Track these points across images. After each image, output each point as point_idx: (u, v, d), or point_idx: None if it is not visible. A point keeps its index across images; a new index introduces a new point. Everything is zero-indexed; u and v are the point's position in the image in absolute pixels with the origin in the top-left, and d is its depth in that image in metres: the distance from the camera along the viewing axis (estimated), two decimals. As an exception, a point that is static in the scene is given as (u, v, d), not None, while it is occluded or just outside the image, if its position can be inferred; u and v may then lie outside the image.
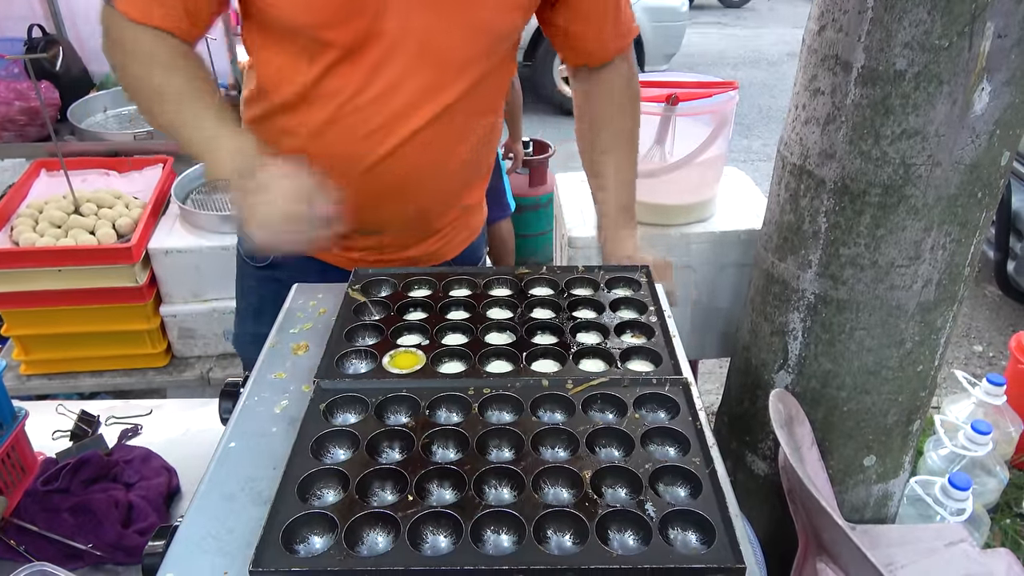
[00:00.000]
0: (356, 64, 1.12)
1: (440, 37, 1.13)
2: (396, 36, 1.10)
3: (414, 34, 1.11)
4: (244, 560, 0.78)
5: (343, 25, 1.09)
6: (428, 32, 1.11)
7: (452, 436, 0.90)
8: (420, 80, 1.14)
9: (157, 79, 1.11)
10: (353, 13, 1.08)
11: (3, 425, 1.10)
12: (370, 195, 1.20)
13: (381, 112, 1.15)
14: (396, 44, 1.11)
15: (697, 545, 0.78)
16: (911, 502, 1.93)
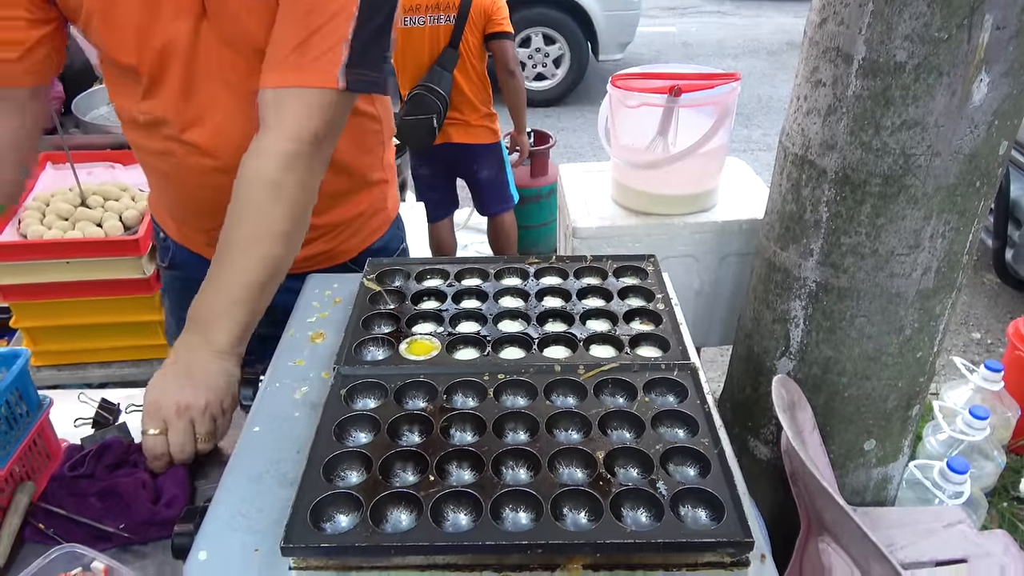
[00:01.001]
0: (160, 85, 1.15)
1: (224, 55, 1.13)
2: (185, 59, 1.13)
3: (201, 56, 1.13)
4: (273, 538, 0.82)
5: (140, 53, 1.12)
6: (211, 52, 1.13)
7: (469, 419, 0.93)
8: (218, 98, 1.16)
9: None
10: (145, 43, 1.11)
11: (29, 413, 1.13)
12: (212, 208, 1.18)
13: (198, 132, 1.18)
14: (188, 66, 1.13)
15: (707, 522, 0.81)
16: (910, 485, 1.96)
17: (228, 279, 1.08)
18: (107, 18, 1.10)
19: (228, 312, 1.07)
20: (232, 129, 1.18)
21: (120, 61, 1.15)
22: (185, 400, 1.04)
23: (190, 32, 1.11)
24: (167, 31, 1.11)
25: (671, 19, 8.69)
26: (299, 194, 1.10)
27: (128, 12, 1.09)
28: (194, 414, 1.04)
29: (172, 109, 1.18)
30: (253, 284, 1.07)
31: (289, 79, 1.08)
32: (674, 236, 1.99)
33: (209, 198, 1.22)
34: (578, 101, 6.32)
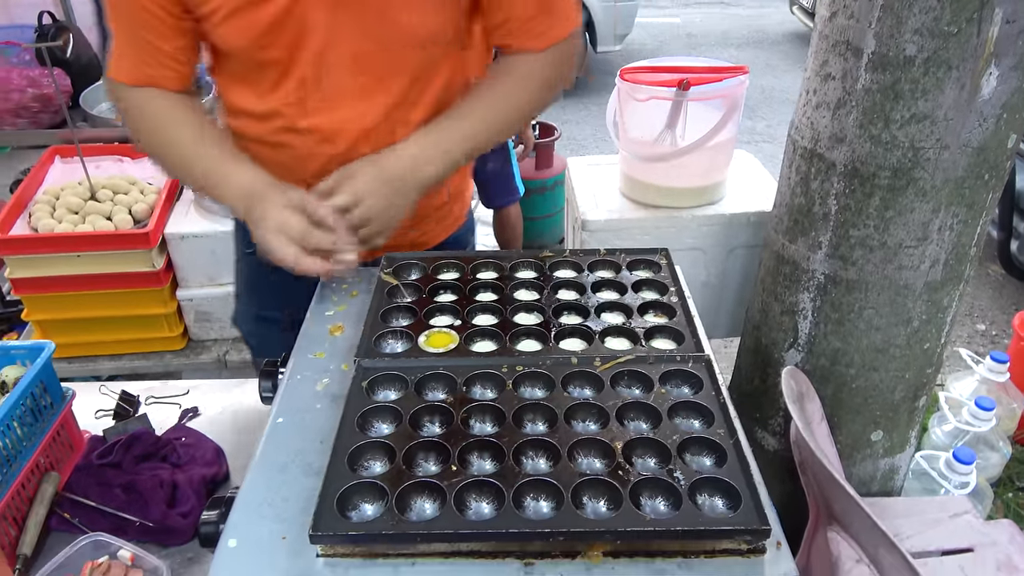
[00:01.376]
0: (293, 78, 1.18)
1: (364, 43, 1.16)
2: (323, 48, 1.15)
3: (339, 44, 1.15)
4: (300, 526, 0.84)
5: (274, 45, 1.15)
6: (352, 40, 1.16)
7: (489, 410, 0.95)
8: (354, 86, 1.19)
9: (164, 133, 1.20)
10: (280, 34, 1.14)
11: (53, 405, 1.15)
12: None
13: (323, 122, 1.21)
14: (325, 55, 1.16)
15: (724, 510, 0.83)
16: (916, 476, 1.98)
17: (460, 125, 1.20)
18: (244, 14, 1.12)
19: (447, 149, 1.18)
20: (355, 119, 1.21)
21: (254, 56, 1.17)
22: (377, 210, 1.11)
23: (329, 24, 1.14)
24: (306, 23, 1.13)
25: (675, 9, 8.66)
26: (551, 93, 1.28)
27: (267, 7, 1.11)
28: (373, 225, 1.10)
29: (297, 99, 1.21)
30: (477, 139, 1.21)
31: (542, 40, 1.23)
32: (682, 229, 2.00)
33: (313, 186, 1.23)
34: (578, 93, 6.32)
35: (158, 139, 1.22)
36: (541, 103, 1.30)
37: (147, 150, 1.26)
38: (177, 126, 1.20)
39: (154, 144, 1.23)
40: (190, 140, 1.20)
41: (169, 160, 1.24)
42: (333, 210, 1.09)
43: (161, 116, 1.21)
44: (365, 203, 1.11)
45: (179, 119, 1.21)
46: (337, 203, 1.09)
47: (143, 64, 1.18)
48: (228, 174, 1.16)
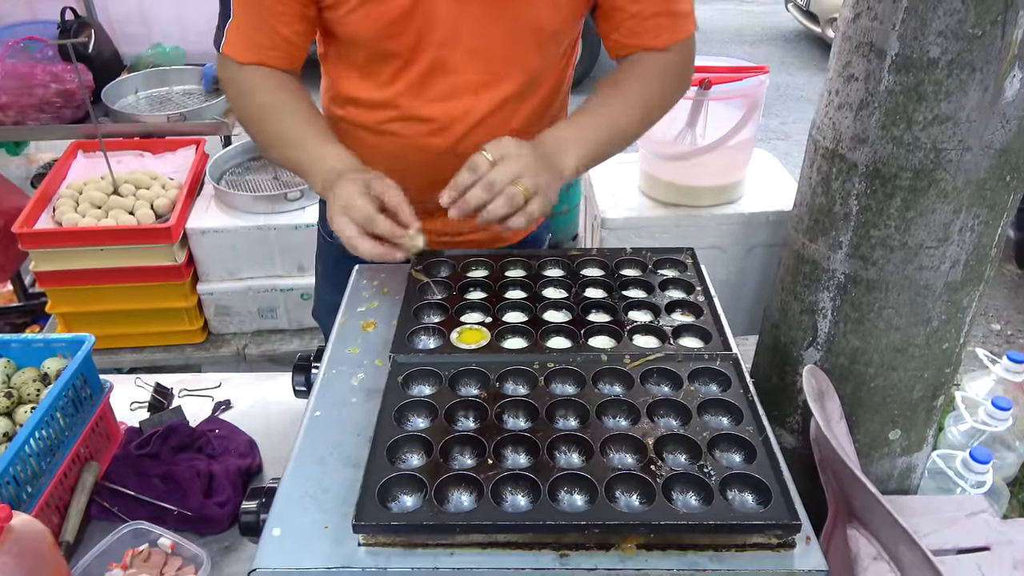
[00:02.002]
0: (415, 68, 1.21)
1: (488, 37, 1.19)
2: (447, 40, 1.18)
3: (463, 36, 1.18)
4: (341, 516, 0.87)
5: (400, 36, 1.18)
6: (476, 34, 1.19)
7: (522, 406, 0.97)
8: (473, 79, 1.22)
9: (266, 111, 1.22)
10: (407, 24, 1.16)
11: (93, 396, 1.18)
12: (434, 185, 1.26)
13: (441, 110, 1.24)
14: (448, 47, 1.19)
15: (754, 505, 0.85)
16: (932, 475, 2.00)
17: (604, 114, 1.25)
18: (374, 4, 1.14)
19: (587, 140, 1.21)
20: (468, 112, 1.24)
21: (378, 46, 1.20)
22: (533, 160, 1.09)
23: (454, 17, 1.16)
24: (433, 15, 1.15)
25: (687, 6, 8.64)
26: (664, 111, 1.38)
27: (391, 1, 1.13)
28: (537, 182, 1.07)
29: (414, 90, 1.23)
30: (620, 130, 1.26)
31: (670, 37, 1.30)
32: (702, 227, 2.02)
33: (426, 176, 1.25)
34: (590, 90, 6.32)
35: (261, 116, 1.24)
36: (671, 101, 1.36)
37: (246, 124, 1.29)
38: (282, 107, 1.23)
39: (254, 119, 1.25)
40: (290, 120, 1.22)
41: (265, 135, 1.25)
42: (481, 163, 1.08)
43: (268, 94, 1.23)
44: (516, 159, 1.07)
45: (284, 100, 1.23)
46: (488, 155, 1.08)
47: (259, 45, 1.21)
48: (320, 155, 1.17)
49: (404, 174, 1.31)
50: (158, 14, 3.43)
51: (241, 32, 1.22)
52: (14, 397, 1.16)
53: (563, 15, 1.23)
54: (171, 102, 3.20)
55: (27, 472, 1.03)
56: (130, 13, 3.42)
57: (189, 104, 3.14)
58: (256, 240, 2.51)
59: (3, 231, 2.94)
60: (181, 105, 3.15)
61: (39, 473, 1.06)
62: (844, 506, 1.50)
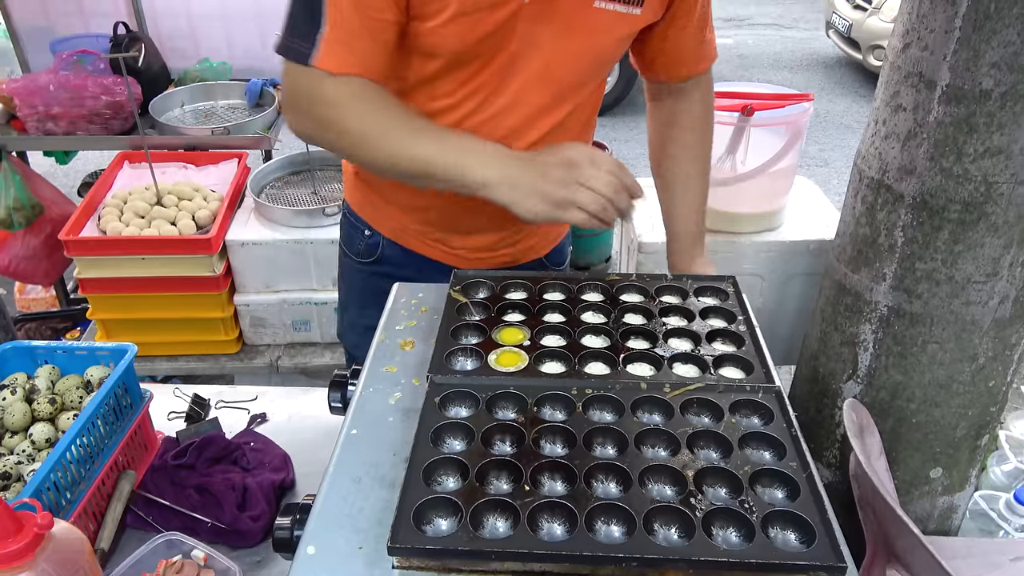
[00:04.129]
0: (483, 83, 1.22)
1: (560, 62, 1.22)
2: (522, 60, 1.20)
3: (538, 59, 1.20)
4: (375, 537, 0.86)
5: (480, 53, 1.19)
6: (550, 57, 1.21)
7: (560, 432, 0.96)
8: (537, 99, 1.25)
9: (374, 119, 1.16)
10: (491, 41, 1.17)
11: (133, 405, 1.19)
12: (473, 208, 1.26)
13: (500, 127, 1.24)
14: (521, 67, 1.21)
15: (797, 544, 0.83)
16: (974, 516, 1.93)
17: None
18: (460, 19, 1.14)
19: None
20: (524, 130, 1.26)
21: (459, 59, 1.19)
22: None
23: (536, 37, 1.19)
24: (515, 35, 1.17)
25: (728, 31, 8.63)
26: None
27: (486, 15, 1.14)
28: None
29: (478, 103, 1.24)
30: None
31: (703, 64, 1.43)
32: (741, 254, 1.99)
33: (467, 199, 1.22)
34: (626, 112, 6.33)
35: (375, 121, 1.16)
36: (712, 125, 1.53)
37: (339, 141, 1.19)
38: (385, 108, 1.17)
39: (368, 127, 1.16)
40: (406, 123, 1.17)
41: (386, 141, 1.16)
42: None
43: (366, 100, 1.16)
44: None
45: (387, 102, 1.18)
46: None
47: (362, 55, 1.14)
48: (469, 145, 1.15)
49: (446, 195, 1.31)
50: (206, 30, 3.52)
51: (344, 43, 1.13)
52: (58, 403, 1.18)
53: (624, 42, 1.27)
54: (216, 116, 3.26)
55: (67, 479, 1.04)
56: (179, 29, 3.51)
57: (233, 118, 3.21)
58: (293, 253, 2.55)
59: (50, 238, 3.02)
60: (225, 119, 3.22)
61: (78, 480, 1.07)
62: (884, 546, 1.46)
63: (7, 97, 2.95)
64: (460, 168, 1.14)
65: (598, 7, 1.18)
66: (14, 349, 1.25)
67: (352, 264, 1.55)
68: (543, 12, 1.16)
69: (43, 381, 1.21)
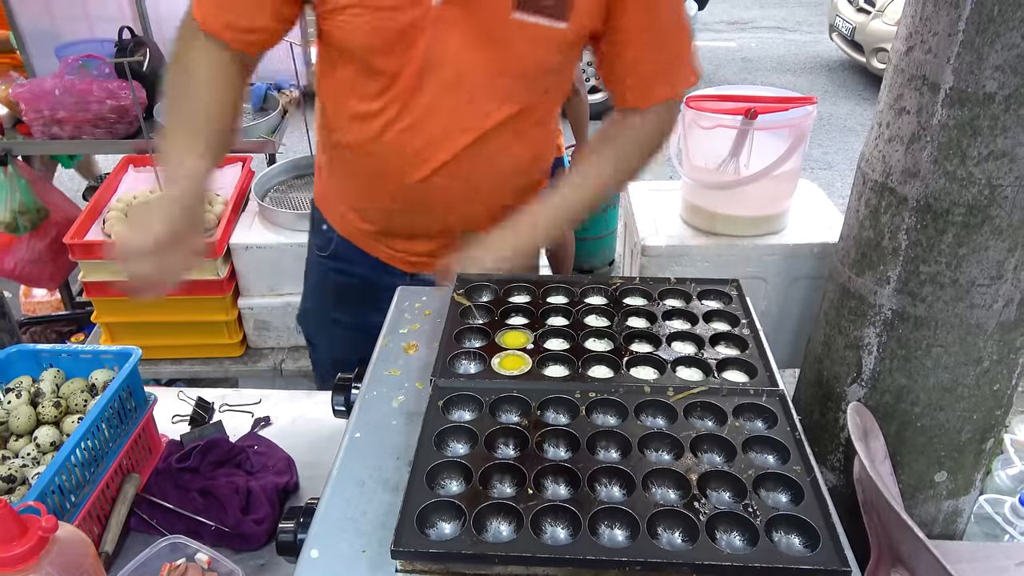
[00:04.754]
0: (401, 90, 1.20)
1: (474, 73, 1.19)
2: (434, 68, 1.17)
3: (450, 68, 1.18)
4: (379, 541, 0.86)
5: (390, 54, 1.17)
6: (463, 67, 1.18)
7: (563, 436, 0.96)
8: (453, 111, 1.21)
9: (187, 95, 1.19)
10: (399, 44, 1.16)
11: (137, 408, 1.19)
12: (410, 209, 1.29)
13: (418, 137, 1.23)
14: (433, 75, 1.18)
15: (801, 549, 0.83)
16: (979, 520, 1.93)
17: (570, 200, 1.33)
18: (367, 17, 1.14)
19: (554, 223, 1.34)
20: (444, 140, 1.24)
21: (368, 60, 1.19)
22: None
23: (446, 45, 1.16)
24: (424, 41, 1.15)
25: (731, 34, 8.63)
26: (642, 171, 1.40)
27: (392, 15, 1.13)
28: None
29: (398, 113, 1.23)
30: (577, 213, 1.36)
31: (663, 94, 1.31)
32: (744, 258, 1.99)
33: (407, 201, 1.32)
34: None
35: (181, 95, 1.21)
36: (647, 161, 1.39)
37: (167, 93, 1.24)
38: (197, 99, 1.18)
39: (173, 97, 1.22)
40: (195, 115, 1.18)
41: (169, 116, 1.22)
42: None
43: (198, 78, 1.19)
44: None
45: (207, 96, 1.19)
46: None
47: (232, 15, 1.16)
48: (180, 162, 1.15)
49: (385, 197, 1.34)
50: (211, 35, 3.52)
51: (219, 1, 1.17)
52: (62, 407, 1.18)
53: (553, 57, 1.20)
54: (221, 120, 3.27)
55: (72, 482, 1.05)
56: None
57: (237, 122, 3.21)
58: (297, 257, 2.53)
59: (55, 241, 3.03)
60: (229, 123, 3.21)
61: (83, 483, 1.08)
62: (888, 550, 1.46)
63: (13, 102, 2.96)
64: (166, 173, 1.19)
65: (516, 19, 1.12)
66: (19, 352, 1.25)
67: (313, 255, 1.58)
68: (455, 18, 1.13)
69: (48, 384, 1.22)
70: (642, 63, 1.26)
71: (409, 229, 1.28)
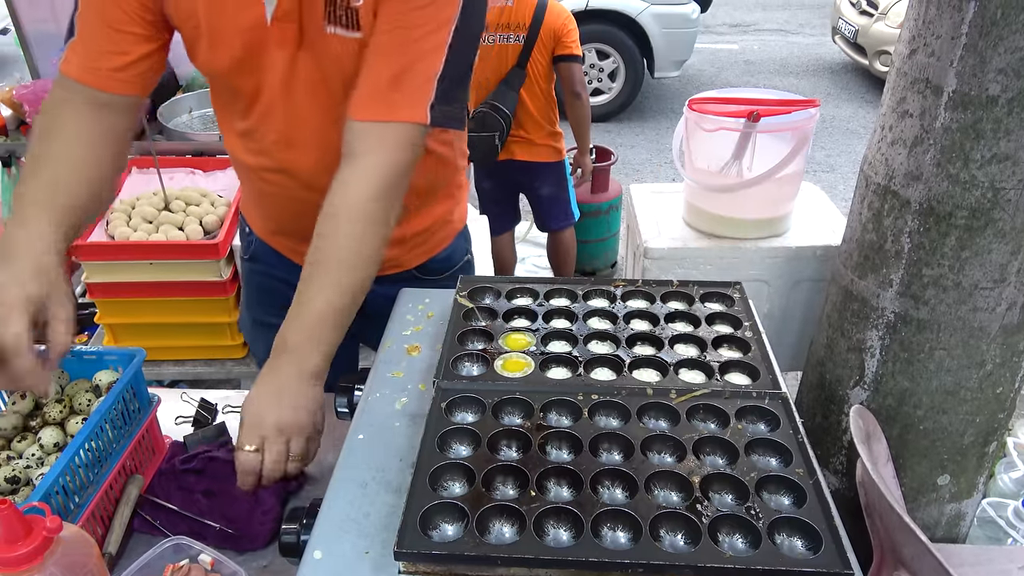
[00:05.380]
0: (266, 106, 1.22)
1: (316, 86, 1.19)
2: (285, 84, 1.19)
3: (298, 82, 1.19)
4: (381, 542, 0.86)
5: (243, 73, 1.19)
6: (307, 81, 1.19)
7: (566, 438, 0.96)
8: (312, 122, 1.22)
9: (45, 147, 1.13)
10: (252, 67, 1.18)
11: (141, 409, 1.20)
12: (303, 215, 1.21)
13: (287, 148, 1.25)
14: (287, 90, 1.19)
15: (803, 551, 0.83)
16: (982, 523, 1.93)
17: (319, 304, 1.07)
18: (214, 44, 1.17)
19: (321, 337, 1.07)
20: (319, 153, 1.24)
21: (224, 81, 1.23)
22: (285, 420, 1.02)
23: (287, 61, 1.18)
24: (268, 59, 1.18)
25: (734, 36, 8.63)
26: (388, 221, 1.13)
27: (234, 39, 1.16)
28: (292, 434, 1.02)
29: (266, 128, 1.26)
30: (343, 308, 1.08)
31: (381, 113, 1.11)
32: (746, 260, 2.00)
33: (293, 211, 1.31)
34: (632, 118, 6.33)
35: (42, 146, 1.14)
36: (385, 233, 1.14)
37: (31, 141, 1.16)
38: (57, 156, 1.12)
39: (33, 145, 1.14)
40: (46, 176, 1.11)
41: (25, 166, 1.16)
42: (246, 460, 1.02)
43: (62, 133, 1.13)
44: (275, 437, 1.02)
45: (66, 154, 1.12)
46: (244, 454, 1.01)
47: (101, 60, 1.12)
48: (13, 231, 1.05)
49: (276, 201, 1.37)
50: (214, 36, 3.53)
51: (85, 48, 1.13)
52: (66, 407, 1.18)
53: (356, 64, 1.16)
54: (224, 121, 3.28)
55: (76, 483, 1.05)
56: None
57: (240, 124, 3.22)
58: (300, 258, 2.55)
59: (58, 242, 3.03)
60: (232, 125, 3.22)
61: (87, 484, 1.08)
62: (891, 553, 1.45)
63: (17, 103, 2.97)
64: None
65: (329, 32, 1.14)
66: (23, 353, 1.26)
67: (242, 259, 1.62)
68: (287, 36, 1.15)
69: (52, 385, 1.22)
70: (371, 69, 1.13)
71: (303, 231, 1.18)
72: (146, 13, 1.14)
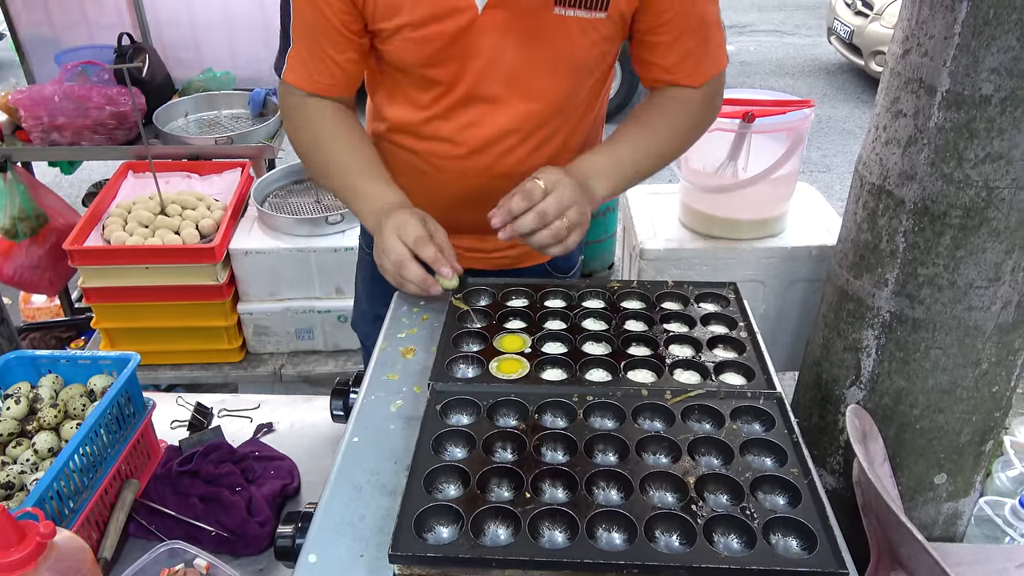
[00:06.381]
0: (455, 95, 1.24)
1: (529, 72, 1.22)
2: (486, 69, 1.21)
3: (502, 66, 1.21)
4: (376, 545, 0.86)
5: (443, 64, 1.22)
6: (514, 64, 1.21)
7: (560, 439, 0.96)
8: (510, 110, 1.25)
9: (322, 144, 1.30)
10: (452, 55, 1.20)
11: (136, 414, 1.20)
12: (467, 204, 1.30)
13: (475, 135, 1.27)
14: (487, 76, 1.22)
15: (798, 551, 0.83)
16: (979, 522, 1.93)
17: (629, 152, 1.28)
18: (423, 32, 1.18)
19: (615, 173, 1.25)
20: (500, 137, 1.28)
21: (421, 72, 1.25)
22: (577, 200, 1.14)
23: (494, 48, 1.20)
24: (473, 47, 1.19)
25: (730, 37, 8.62)
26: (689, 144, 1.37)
27: (442, 28, 1.17)
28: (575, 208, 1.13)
29: (451, 114, 1.28)
30: (641, 170, 1.29)
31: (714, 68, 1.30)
32: (742, 260, 2.00)
33: (459, 196, 1.34)
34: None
35: (316, 147, 1.31)
36: (697, 134, 1.37)
37: (302, 154, 1.36)
38: (335, 140, 1.30)
39: (311, 151, 1.33)
40: (342, 155, 1.29)
41: (319, 167, 1.33)
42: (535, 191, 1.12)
43: (324, 127, 1.30)
44: (566, 190, 1.13)
45: (339, 135, 1.30)
46: (541, 183, 1.13)
47: (316, 72, 1.27)
48: (367, 193, 1.25)
49: (439, 193, 1.36)
50: (209, 40, 3.54)
51: (302, 61, 1.27)
52: (60, 412, 1.18)
53: (598, 47, 1.24)
54: (219, 125, 3.28)
55: (70, 488, 1.05)
56: (183, 39, 3.53)
57: (236, 128, 3.22)
58: (296, 262, 2.55)
59: (54, 247, 3.03)
60: (229, 128, 3.23)
61: (81, 489, 1.08)
62: (888, 552, 1.46)
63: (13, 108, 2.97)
64: (355, 211, 1.28)
65: (558, 14, 1.16)
66: (18, 359, 1.26)
67: (363, 253, 1.60)
68: (501, 22, 1.17)
69: (46, 390, 1.22)
70: (687, 41, 1.26)
71: (452, 222, 1.29)
72: (352, 24, 1.21)
